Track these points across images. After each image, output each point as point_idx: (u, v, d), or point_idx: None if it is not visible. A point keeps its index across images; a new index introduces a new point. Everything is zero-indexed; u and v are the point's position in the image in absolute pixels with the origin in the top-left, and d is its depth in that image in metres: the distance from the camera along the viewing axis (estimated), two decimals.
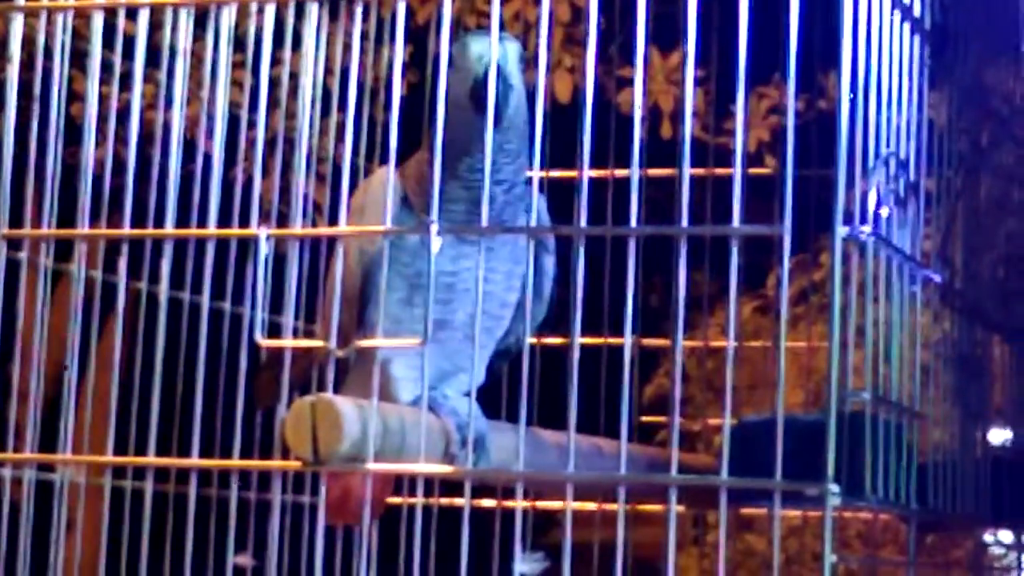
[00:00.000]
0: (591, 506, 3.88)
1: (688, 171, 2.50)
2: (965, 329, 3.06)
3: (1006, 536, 4.42)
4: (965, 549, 4.01)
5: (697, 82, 5.19)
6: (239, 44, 2.91)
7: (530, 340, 3.29)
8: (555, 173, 3.78)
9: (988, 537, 4.48)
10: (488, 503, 3.75)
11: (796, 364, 4.58)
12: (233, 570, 2.80)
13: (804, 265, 4.71)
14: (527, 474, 2.64)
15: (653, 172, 3.79)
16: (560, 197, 3.22)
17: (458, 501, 3.44)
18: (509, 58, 2.88)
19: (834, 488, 2.36)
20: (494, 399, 3.12)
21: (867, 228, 2.52)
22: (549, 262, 3.08)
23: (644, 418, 3.95)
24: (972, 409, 3.16)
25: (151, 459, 2.78)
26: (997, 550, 4.82)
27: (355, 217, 2.94)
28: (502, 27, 2.70)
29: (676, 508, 2.45)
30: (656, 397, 6.38)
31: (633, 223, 2.53)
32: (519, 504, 2.61)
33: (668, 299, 3.78)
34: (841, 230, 2.42)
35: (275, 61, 2.88)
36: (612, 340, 3.74)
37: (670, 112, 6.57)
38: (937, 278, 2.86)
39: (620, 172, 3.82)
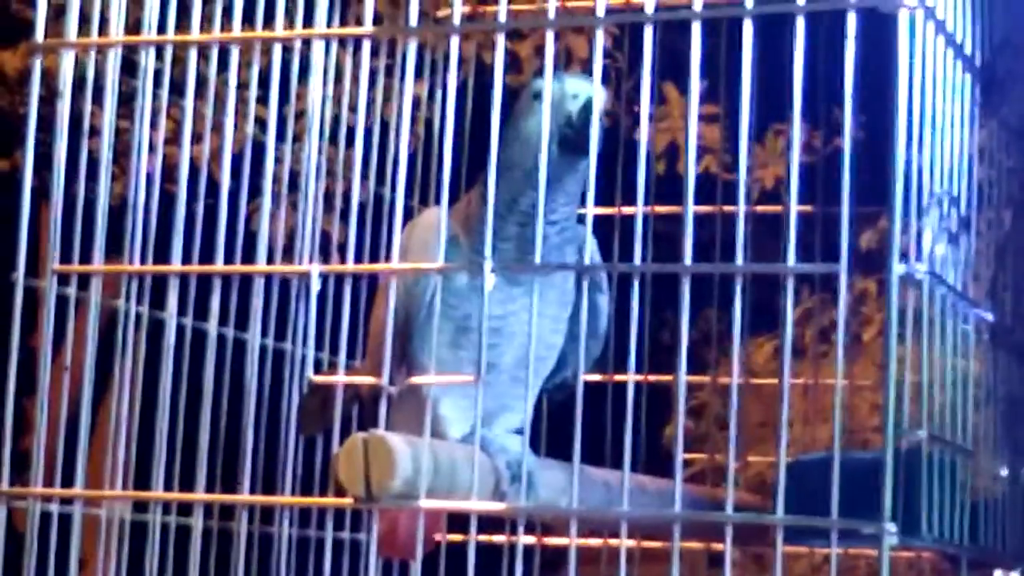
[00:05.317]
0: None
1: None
2: (1014, 368, 3.05)
3: None
4: None
5: (714, 119, 5.26)
6: (286, 80, 2.92)
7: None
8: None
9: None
10: (528, 540, 3.73)
11: (818, 403, 4.56)
12: None
13: (825, 304, 4.70)
14: (579, 511, 2.64)
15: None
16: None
17: (496, 538, 3.44)
18: (600, 102, 2.89)
19: (891, 527, 2.35)
20: (534, 436, 3.11)
21: (923, 266, 2.52)
22: (603, 301, 3.08)
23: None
24: (1021, 447, 3.15)
25: (199, 495, 2.77)
26: None
27: (400, 258, 2.92)
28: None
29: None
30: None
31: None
32: (572, 541, 2.59)
33: (707, 336, 3.80)
34: (898, 268, 2.41)
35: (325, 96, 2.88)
36: (652, 377, 3.73)
37: None
38: (989, 316, 2.86)
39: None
